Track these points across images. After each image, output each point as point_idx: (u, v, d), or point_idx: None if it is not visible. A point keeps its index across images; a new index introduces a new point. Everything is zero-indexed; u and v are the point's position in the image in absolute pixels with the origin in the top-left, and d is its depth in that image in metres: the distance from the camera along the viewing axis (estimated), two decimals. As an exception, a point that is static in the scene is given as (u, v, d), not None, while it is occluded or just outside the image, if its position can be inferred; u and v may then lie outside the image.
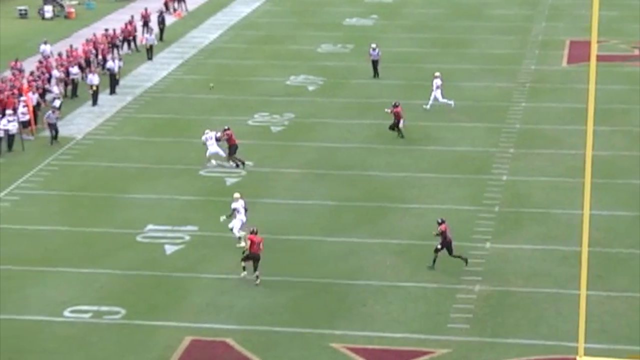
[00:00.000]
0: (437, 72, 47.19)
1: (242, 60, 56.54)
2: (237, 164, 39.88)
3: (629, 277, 30.51)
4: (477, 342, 26.95)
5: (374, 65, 51.99)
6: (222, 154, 40.09)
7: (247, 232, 31.21)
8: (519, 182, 38.31)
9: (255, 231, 30.42)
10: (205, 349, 26.76)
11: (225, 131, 40.10)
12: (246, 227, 32.17)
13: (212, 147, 39.95)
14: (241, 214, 33.05)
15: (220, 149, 40.02)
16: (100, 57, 52.91)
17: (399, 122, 42.69)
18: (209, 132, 40.31)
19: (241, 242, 31.77)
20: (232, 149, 40.03)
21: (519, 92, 49.68)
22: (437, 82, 46.52)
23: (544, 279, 30.54)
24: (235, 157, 39.99)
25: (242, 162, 39.99)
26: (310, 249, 32.75)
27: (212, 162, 40.00)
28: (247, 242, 30.42)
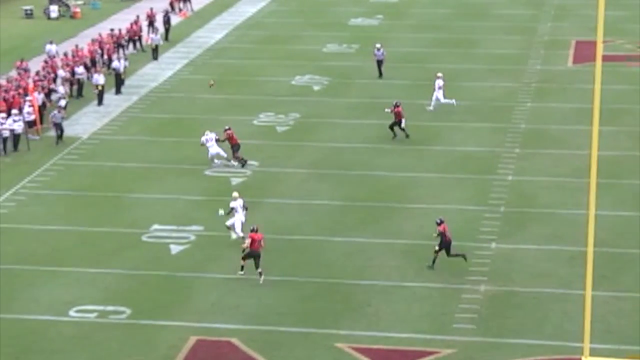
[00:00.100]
0: (439, 73, 47.14)
1: (248, 60, 56.55)
2: (242, 163, 39.88)
3: (634, 277, 30.47)
4: (483, 342, 26.93)
5: (378, 65, 51.99)
6: (224, 154, 40.09)
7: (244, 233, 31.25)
8: (525, 182, 38.29)
9: (255, 229, 30.46)
10: (210, 348, 26.77)
11: (225, 131, 40.10)
12: (246, 226, 32.21)
13: (212, 149, 39.93)
14: (239, 213, 33.05)
15: (221, 149, 40.02)
16: (105, 57, 52.99)
17: (401, 122, 42.64)
18: (208, 133, 40.25)
19: (245, 241, 31.61)
20: (234, 148, 40.02)
21: (525, 92, 49.64)
22: (439, 82, 46.45)
23: (549, 279, 30.52)
24: (238, 156, 40.00)
25: (245, 161, 40.02)
26: (315, 248, 32.75)
27: (217, 162, 40.01)
28: (247, 241, 30.48)
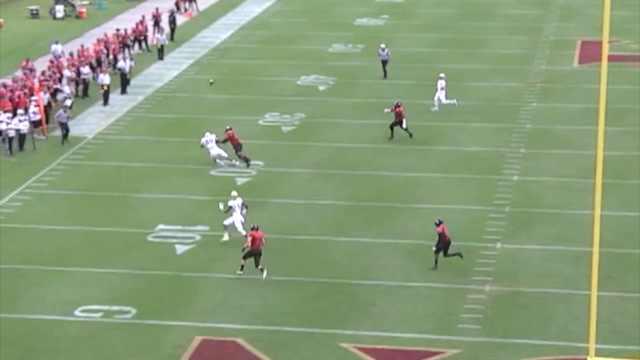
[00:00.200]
0: (441, 73, 47.11)
1: (253, 60, 56.56)
2: (247, 162, 39.89)
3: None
4: (488, 342, 26.92)
5: (383, 65, 51.98)
6: (225, 154, 40.09)
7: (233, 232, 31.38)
8: (530, 182, 38.26)
9: (256, 227, 30.53)
10: (215, 348, 26.78)
11: (227, 131, 40.11)
12: (246, 224, 32.26)
13: (213, 150, 39.94)
14: (237, 212, 33.05)
15: (221, 150, 40.03)
16: (111, 57, 53.03)
17: (402, 122, 42.60)
18: (208, 134, 40.23)
19: (247, 240, 31.41)
20: (237, 148, 40.03)
21: (530, 92, 49.60)
22: (442, 83, 46.43)
23: (554, 279, 30.49)
24: (241, 154, 40.01)
25: (248, 160, 40.04)
26: (320, 248, 32.75)
27: (221, 163, 40.01)
28: (249, 239, 30.53)
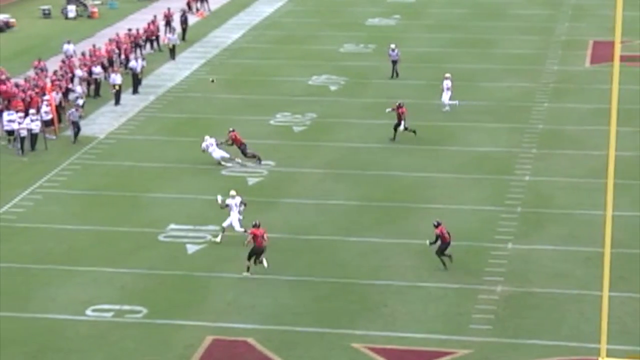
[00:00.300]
0: (447, 73, 47.05)
1: (265, 60, 56.58)
2: (258, 160, 39.89)
3: (651, 278, 30.40)
4: (499, 342, 26.87)
5: (393, 65, 51.94)
6: (227, 155, 40.12)
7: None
8: (542, 182, 38.18)
9: (257, 224, 30.64)
10: (226, 348, 26.78)
11: (229, 133, 40.16)
12: (245, 223, 32.38)
13: (215, 153, 40.02)
14: (234, 211, 33.07)
15: (223, 152, 40.06)
16: (123, 56, 53.10)
17: (402, 123, 42.49)
18: (207, 138, 40.25)
19: (247, 237, 31.40)
20: (242, 148, 40.07)
21: (542, 93, 49.52)
22: (447, 83, 46.38)
23: (566, 279, 30.42)
24: (249, 153, 40.06)
25: (258, 157, 40.11)
26: (331, 248, 32.73)
27: (228, 164, 39.97)
28: (249, 236, 30.62)
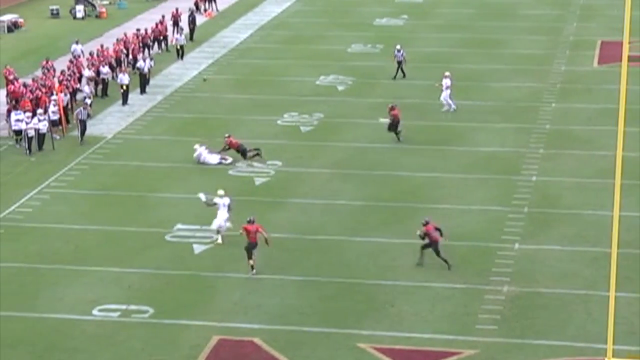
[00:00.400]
0: (446, 72, 46.98)
1: (272, 60, 56.59)
2: (259, 154, 40.11)
3: (659, 279, 30.32)
4: (505, 343, 26.83)
5: (398, 65, 51.89)
6: (225, 157, 40.28)
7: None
8: (549, 182, 38.13)
9: (252, 220, 30.75)
10: (232, 348, 26.79)
11: (225, 139, 40.32)
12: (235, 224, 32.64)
13: (210, 159, 40.08)
14: (222, 210, 33.11)
15: (218, 156, 40.16)
16: (130, 56, 53.13)
17: (397, 125, 42.39)
18: (197, 147, 40.34)
19: (240, 231, 31.45)
20: (240, 150, 40.16)
21: (550, 93, 49.45)
22: (447, 82, 46.34)
23: (573, 280, 30.37)
24: (249, 152, 40.17)
25: (257, 151, 40.39)
26: (338, 248, 32.72)
27: (238, 165, 39.99)
28: (242, 232, 30.86)
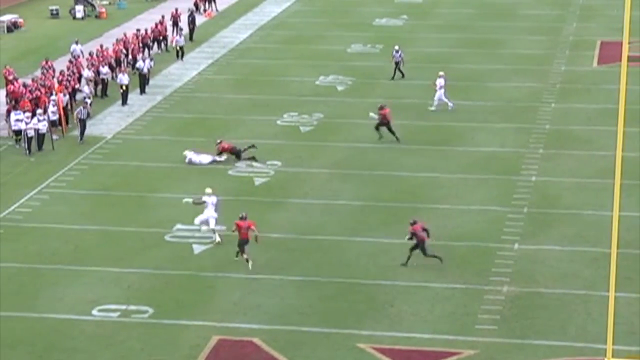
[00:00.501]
0: (440, 72, 46.99)
1: (272, 60, 56.59)
2: (253, 146, 40.32)
3: (659, 279, 30.31)
4: (505, 343, 26.83)
5: (396, 66, 51.88)
6: (218, 157, 40.33)
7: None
8: (549, 182, 38.13)
9: (244, 217, 30.92)
10: (232, 348, 26.78)
11: (217, 145, 40.41)
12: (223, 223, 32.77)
13: (202, 158, 40.17)
14: (209, 209, 33.11)
15: (209, 156, 40.22)
16: (130, 57, 53.11)
17: (388, 124, 42.37)
18: (187, 153, 40.38)
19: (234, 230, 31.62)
20: (234, 152, 40.23)
21: (549, 93, 49.45)
22: (441, 81, 46.37)
23: (573, 280, 30.36)
24: (244, 155, 40.22)
25: (251, 145, 40.55)
26: (338, 249, 32.72)
27: (239, 165, 40.01)
28: (233, 228, 31.03)
